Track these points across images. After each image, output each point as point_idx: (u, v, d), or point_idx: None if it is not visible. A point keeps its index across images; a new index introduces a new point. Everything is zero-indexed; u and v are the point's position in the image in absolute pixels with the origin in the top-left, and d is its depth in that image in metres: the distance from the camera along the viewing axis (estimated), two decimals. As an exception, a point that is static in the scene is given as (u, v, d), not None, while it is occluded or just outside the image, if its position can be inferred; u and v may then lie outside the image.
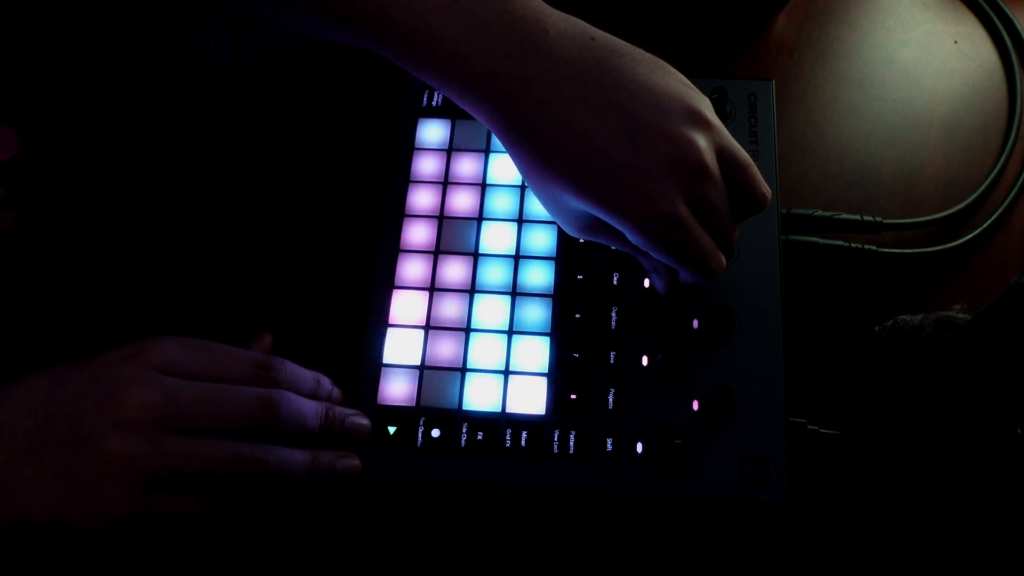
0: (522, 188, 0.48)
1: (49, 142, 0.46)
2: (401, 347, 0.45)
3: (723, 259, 0.41)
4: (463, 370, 0.44)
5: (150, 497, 0.35)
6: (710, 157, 0.38)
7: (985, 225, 0.49)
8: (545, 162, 0.39)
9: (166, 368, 0.37)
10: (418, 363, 0.44)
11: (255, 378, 0.39)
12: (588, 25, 0.40)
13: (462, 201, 0.48)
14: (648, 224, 0.38)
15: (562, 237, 0.47)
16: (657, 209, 0.38)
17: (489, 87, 0.38)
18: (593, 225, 0.41)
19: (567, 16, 0.40)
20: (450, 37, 0.38)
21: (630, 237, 0.39)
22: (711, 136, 0.39)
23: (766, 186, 0.41)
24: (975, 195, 0.50)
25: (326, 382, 0.43)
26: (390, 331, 0.45)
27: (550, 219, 0.48)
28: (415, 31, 0.38)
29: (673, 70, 0.40)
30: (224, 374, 0.38)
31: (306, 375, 0.42)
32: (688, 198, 0.38)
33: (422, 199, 0.48)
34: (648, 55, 0.40)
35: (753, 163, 0.40)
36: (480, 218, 0.48)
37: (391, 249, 0.47)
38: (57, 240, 0.48)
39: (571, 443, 0.42)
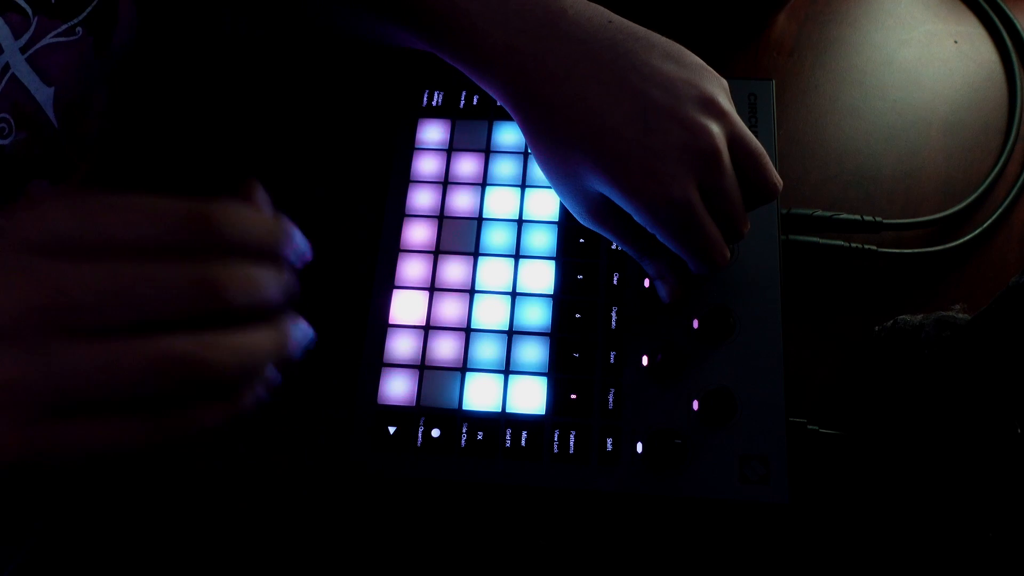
0: (522, 188, 0.48)
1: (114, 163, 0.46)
2: (401, 347, 0.45)
3: (727, 252, 0.41)
4: (463, 370, 0.44)
5: (54, 429, 0.25)
6: (722, 144, 0.38)
7: (985, 225, 0.49)
8: (558, 137, 0.39)
9: (50, 247, 0.25)
10: (418, 363, 0.44)
11: (188, 242, 0.26)
12: (606, 10, 0.41)
13: (462, 201, 0.48)
14: (657, 207, 0.38)
15: (562, 237, 0.47)
16: (668, 192, 0.38)
17: (504, 60, 0.39)
18: (602, 209, 0.41)
19: (587, 0, 0.41)
20: (470, 10, 0.39)
21: (638, 219, 0.39)
22: (724, 124, 0.39)
23: (777, 176, 0.41)
24: (975, 195, 0.50)
25: (288, 229, 0.30)
26: (390, 331, 0.45)
27: (550, 219, 0.48)
28: (439, 3, 0.39)
29: (690, 55, 0.41)
30: (140, 241, 0.26)
31: (259, 224, 0.29)
32: (700, 184, 0.38)
33: (422, 199, 0.48)
34: (665, 40, 0.41)
35: (765, 152, 0.40)
36: (480, 218, 0.48)
37: (391, 249, 0.47)
38: None
39: (571, 443, 0.42)
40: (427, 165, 0.49)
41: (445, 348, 0.45)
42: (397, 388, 0.44)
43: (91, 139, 0.42)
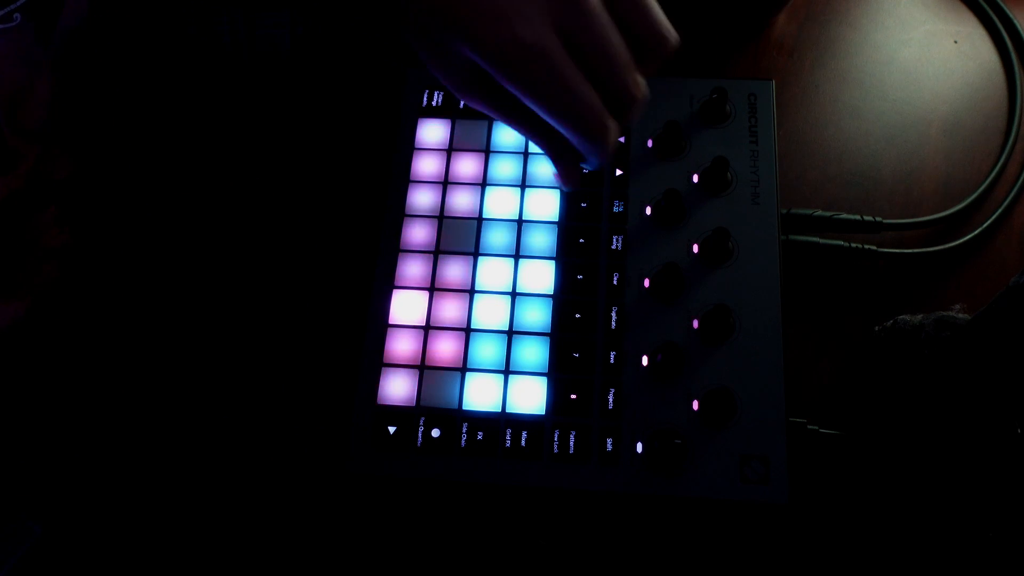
0: (522, 188, 0.48)
1: (97, 160, 0.46)
2: (401, 347, 0.45)
3: (607, 119, 0.36)
4: (463, 370, 0.44)
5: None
6: None
7: (985, 225, 0.49)
8: None
9: None
10: (418, 363, 0.44)
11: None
12: None
13: (462, 201, 0.48)
14: (504, 51, 0.34)
15: (562, 237, 0.47)
16: (514, 33, 0.33)
17: None
18: (476, 78, 0.37)
19: None
20: None
21: (492, 71, 0.35)
22: None
23: (668, 25, 0.36)
24: (975, 195, 0.50)
25: None
26: (390, 331, 0.45)
27: (550, 219, 0.48)
28: None
29: None
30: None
31: None
32: (560, 28, 0.34)
33: (422, 199, 0.48)
34: None
35: None
36: (480, 218, 0.48)
37: (391, 249, 0.47)
38: (106, 251, 0.48)
39: (571, 443, 0.42)
40: (427, 165, 0.49)
41: (445, 348, 0.45)
42: (397, 388, 0.44)
43: (37, 128, 0.41)
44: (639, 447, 0.42)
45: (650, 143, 0.49)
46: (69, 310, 0.47)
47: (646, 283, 0.46)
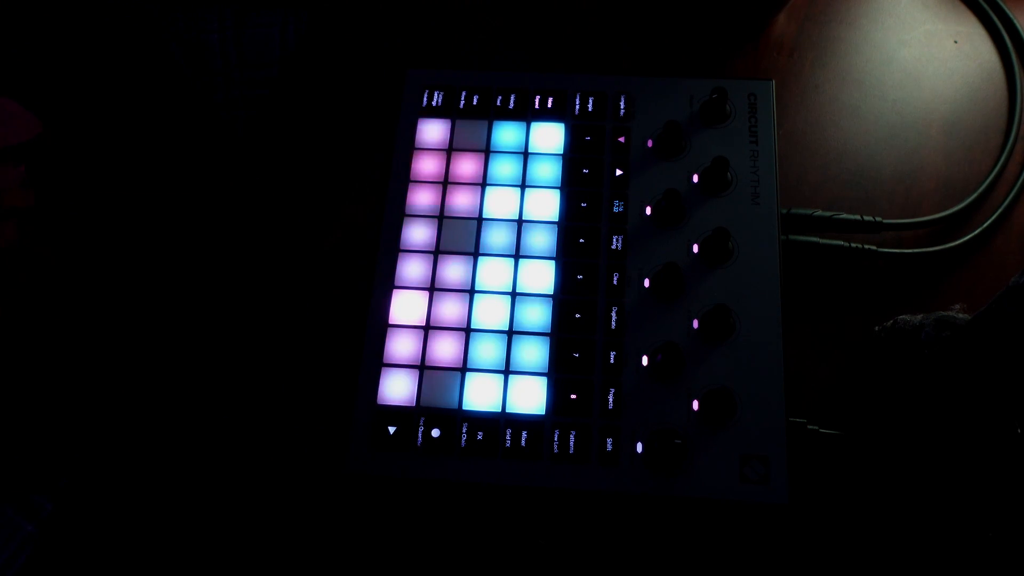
0: (522, 188, 0.48)
1: (68, 127, 0.45)
2: (401, 347, 0.45)
3: None
4: (463, 370, 0.44)
5: None
6: None
7: (985, 225, 0.49)
8: None
9: None
10: (418, 363, 0.44)
11: None
12: None
13: (462, 201, 0.48)
14: None
15: (562, 237, 0.47)
16: None
17: None
18: None
19: None
20: None
21: None
22: None
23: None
24: (975, 195, 0.50)
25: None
26: (390, 331, 0.45)
27: (551, 219, 0.48)
28: None
29: None
30: None
31: None
32: None
33: (422, 199, 0.48)
34: None
35: None
36: (480, 218, 0.48)
37: (391, 249, 0.47)
38: (71, 222, 0.47)
39: (571, 443, 0.42)
40: (427, 165, 0.49)
41: (445, 348, 0.45)
42: (397, 388, 0.44)
43: None
44: (639, 447, 0.42)
45: (650, 143, 0.49)
46: (60, 306, 0.47)
47: (646, 283, 0.46)
